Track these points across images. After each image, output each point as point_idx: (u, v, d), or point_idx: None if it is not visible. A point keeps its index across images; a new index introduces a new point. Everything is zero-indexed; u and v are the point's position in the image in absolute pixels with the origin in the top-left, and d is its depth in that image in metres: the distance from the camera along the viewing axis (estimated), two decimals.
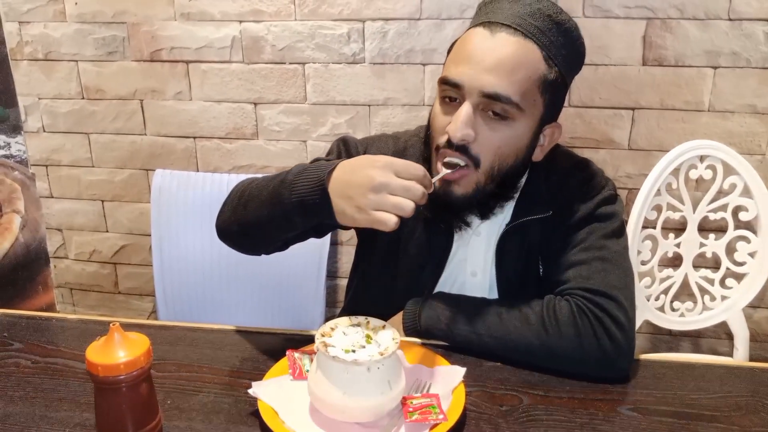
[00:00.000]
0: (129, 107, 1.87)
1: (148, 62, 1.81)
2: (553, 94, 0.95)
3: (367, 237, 1.16)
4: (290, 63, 1.75)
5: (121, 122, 1.89)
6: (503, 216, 1.04)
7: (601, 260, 0.96)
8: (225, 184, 1.67)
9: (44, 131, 1.94)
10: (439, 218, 1.03)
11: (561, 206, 1.01)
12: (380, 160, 0.82)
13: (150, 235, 1.72)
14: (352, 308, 1.13)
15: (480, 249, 1.06)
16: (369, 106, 1.75)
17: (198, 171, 1.89)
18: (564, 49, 0.94)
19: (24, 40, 1.85)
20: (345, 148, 1.11)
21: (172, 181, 1.69)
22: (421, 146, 1.06)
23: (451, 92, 0.93)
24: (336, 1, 1.67)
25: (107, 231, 2.02)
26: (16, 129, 1.89)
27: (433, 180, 0.85)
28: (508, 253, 1.04)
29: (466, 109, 0.91)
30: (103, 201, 1.99)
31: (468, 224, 1.02)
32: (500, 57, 0.90)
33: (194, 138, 1.87)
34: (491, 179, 0.96)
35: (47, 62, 1.86)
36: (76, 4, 1.79)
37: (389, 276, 1.10)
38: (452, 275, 1.08)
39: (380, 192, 0.80)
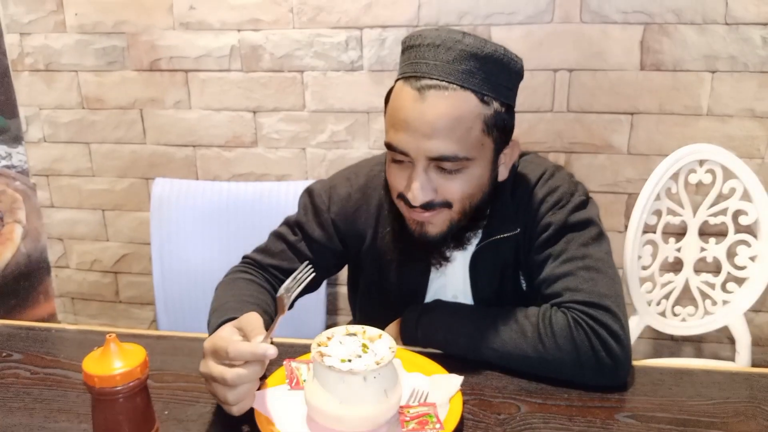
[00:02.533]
0: (129, 116, 1.88)
1: (148, 72, 1.82)
2: (499, 126, 0.92)
3: (352, 273, 1.18)
4: (289, 71, 1.75)
5: (121, 131, 1.90)
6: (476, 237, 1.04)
7: (586, 269, 0.95)
8: (225, 192, 1.67)
9: (45, 141, 1.95)
10: (418, 256, 1.03)
11: (530, 222, 1.01)
12: (208, 349, 0.79)
13: (150, 244, 1.73)
14: None
15: (457, 271, 1.05)
16: (368, 113, 1.75)
17: (198, 179, 1.90)
18: (499, 78, 0.91)
19: (25, 52, 1.86)
20: (311, 201, 1.10)
21: (172, 190, 1.69)
22: (384, 180, 1.05)
23: (399, 156, 0.92)
24: (334, 9, 1.68)
25: (108, 240, 2.02)
26: (17, 139, 1.90)
27: (290, 300, 0.83)
28: (481, 271, 1.04)
29: (419, 176, 0.90)
30: (103, 210, 2.00)
31: (447, 259, 1.02)
32: (435, 119, 0.87)
33: (194, 146, 1.87)
34: (464, 216, 0.96)
35: (48, 73, 1.87)
36: (76, 14, 1.80)
37: (376, 308, 1.11)
38: None
39: (210, 383, 0.79)
